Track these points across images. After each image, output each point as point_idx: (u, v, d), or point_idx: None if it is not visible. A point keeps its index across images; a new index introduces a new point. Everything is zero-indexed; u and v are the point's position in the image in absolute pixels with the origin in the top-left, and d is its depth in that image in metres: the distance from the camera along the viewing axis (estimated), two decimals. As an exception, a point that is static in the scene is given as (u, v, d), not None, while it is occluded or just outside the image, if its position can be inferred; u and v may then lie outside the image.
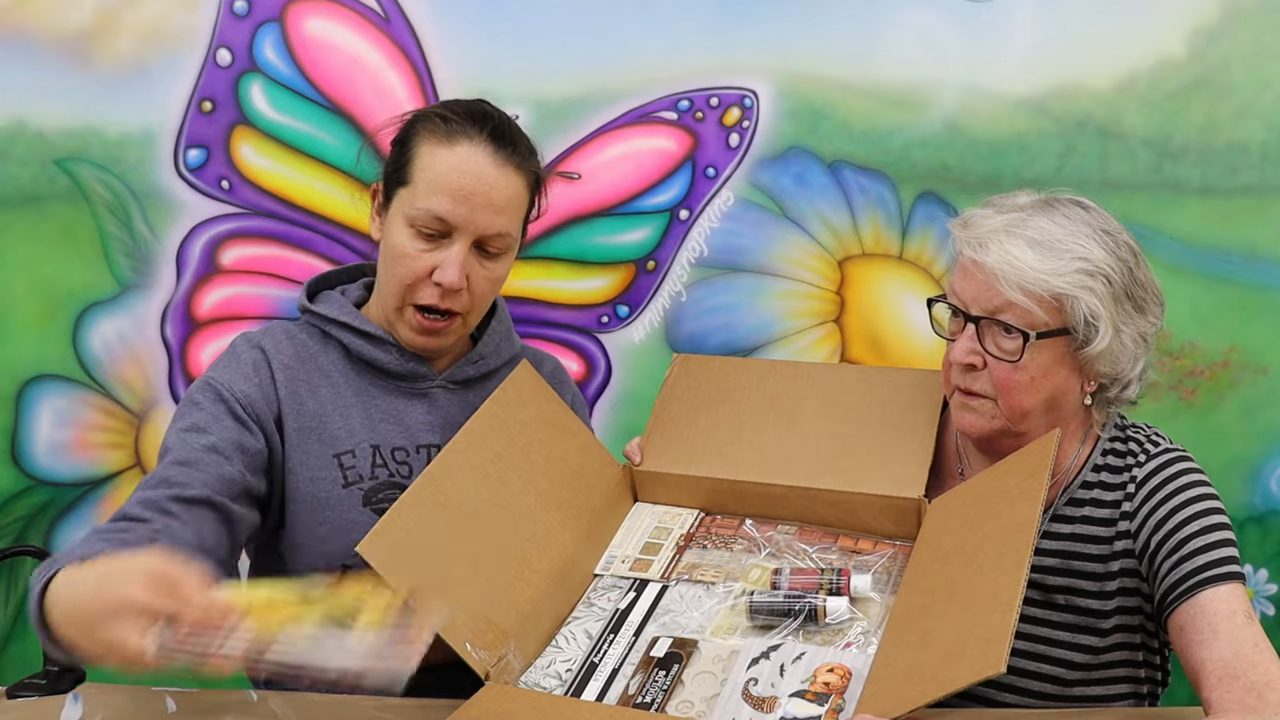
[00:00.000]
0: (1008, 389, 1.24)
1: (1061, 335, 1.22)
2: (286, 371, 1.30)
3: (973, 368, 1.25)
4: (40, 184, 1.75)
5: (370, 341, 1.33)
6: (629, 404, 1.80)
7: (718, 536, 1.32)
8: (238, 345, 1.33)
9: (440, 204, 1.25)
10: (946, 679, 0.95)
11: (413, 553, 1.11)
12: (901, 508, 1.27)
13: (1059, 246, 1.20)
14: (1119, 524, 1.25)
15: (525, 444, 1.28)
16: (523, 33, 1.75)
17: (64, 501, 1.80)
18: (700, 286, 1.80)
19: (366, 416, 1.32)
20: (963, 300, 1.25)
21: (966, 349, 1.24)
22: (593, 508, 1.32)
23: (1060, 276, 1.19)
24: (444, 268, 1.26)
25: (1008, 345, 1.22)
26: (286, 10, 1.74)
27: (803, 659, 1.11)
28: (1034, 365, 1.22)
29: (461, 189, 1.25)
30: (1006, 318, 1.21)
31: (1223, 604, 1.13)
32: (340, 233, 1.78)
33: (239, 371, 1.29)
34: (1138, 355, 1.25)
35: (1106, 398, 1.28)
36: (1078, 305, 1.20)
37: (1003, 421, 1.26)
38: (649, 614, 1.21)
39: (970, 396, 1.27)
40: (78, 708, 1.15)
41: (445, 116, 1.28)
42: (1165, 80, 1.72)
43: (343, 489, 1.29)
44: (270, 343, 1.32)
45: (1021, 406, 1.24)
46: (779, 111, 1.76)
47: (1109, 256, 1.21)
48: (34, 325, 1.78)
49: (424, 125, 1.29)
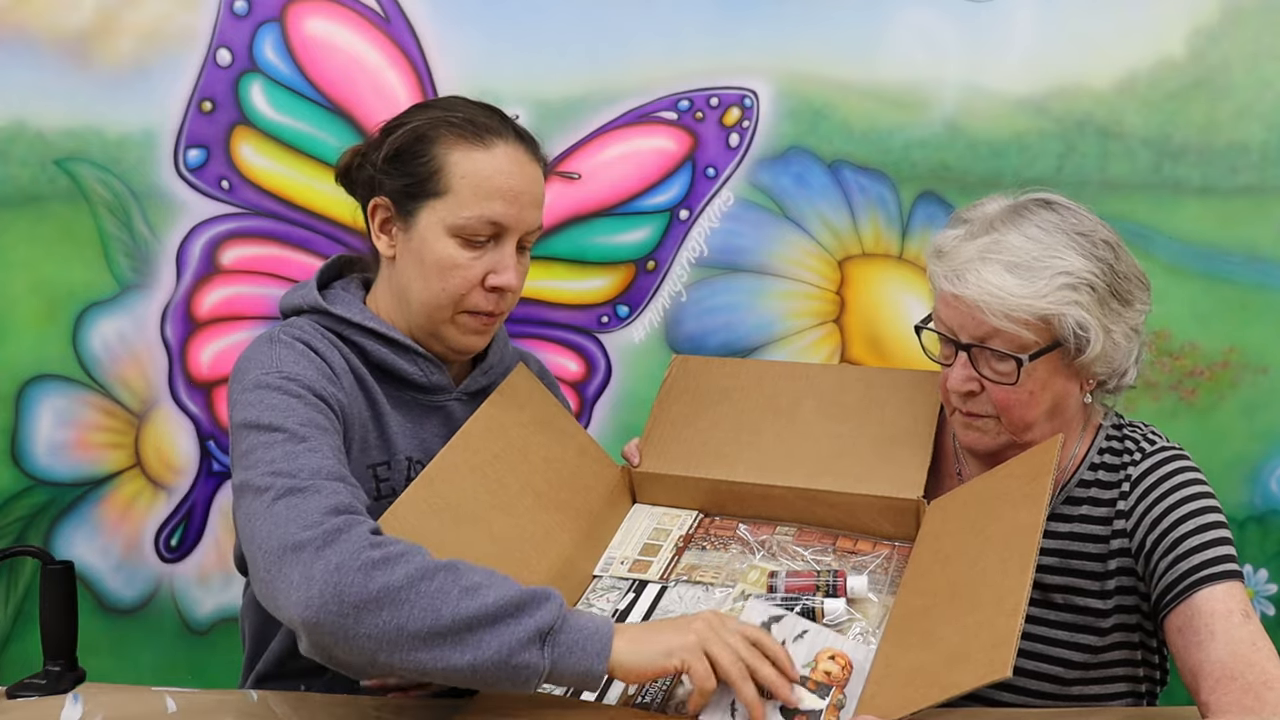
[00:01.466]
0: (1008, 407, 1.24)
1: (1054, 350, 1.21)
2: (343, 375, 1.23)
3: (972, 394, 1.25)
4: (40, 184, 1.75)
5: (396, 350, 1.28)
6: (629, 404, 1.80)
7: (716, 538, 1.32)
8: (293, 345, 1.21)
9: (494, 208, 1.23)
10: (950, 682, 0.95)
11: None
12: (900, 509, 1.27)
13: (1037, 266, 1.19)
14: (1115, 523, 1.25)
15: (523, 446, 1.28)
16: (523, 33, 1.74)
17: (64, 501, 1.80)
18: (700, 286, 1.80)
19: (401, 429, 1.28)
20: (950, 329, 1.24)
21: (963, 377, 1.24)
22: (591, 509, 1.32)
23: (1043, 298, 1.18)
24: (500, 271, 1.24)
25: (1002, 368, 1.22)
26: (286, 10, 1.74)
27: (805, 638, 1.11)
28: (1031, 382, 1.22)
29: (511, 190, 1.24)
30: (996, 344, 1.21)
31: (1219, 603, 1.13)
32: (340, 233, 1.78)
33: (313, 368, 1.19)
34: (1131, 347, 1.25)
35: (1105, 389, 1.29)
36: (1065, 320, 1.19)
37: (1008, 437, 1.27)
38: (648, 615, 1.21)
39: (972, 418, 1.27)
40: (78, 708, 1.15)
41: (466, 120, 1.25)
42: (1165, 80, 1.72)
43: (374, 501, 1.24)
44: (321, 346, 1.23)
45: (1024, 420, 1.25)
46: (779, 111, 1.76)
47: (1088, 262, 1.20)
48: (34, 325, 1.78)
49: (443, 132, 1.24)
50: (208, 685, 1.35)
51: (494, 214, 1.23)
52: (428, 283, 1.25)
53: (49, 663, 1.25)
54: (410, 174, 1.25)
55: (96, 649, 1.79)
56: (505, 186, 1.23)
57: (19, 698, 1.19)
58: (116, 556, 1.82)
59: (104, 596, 1.82)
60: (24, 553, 1.33)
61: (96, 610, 1.81)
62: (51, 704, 1.16)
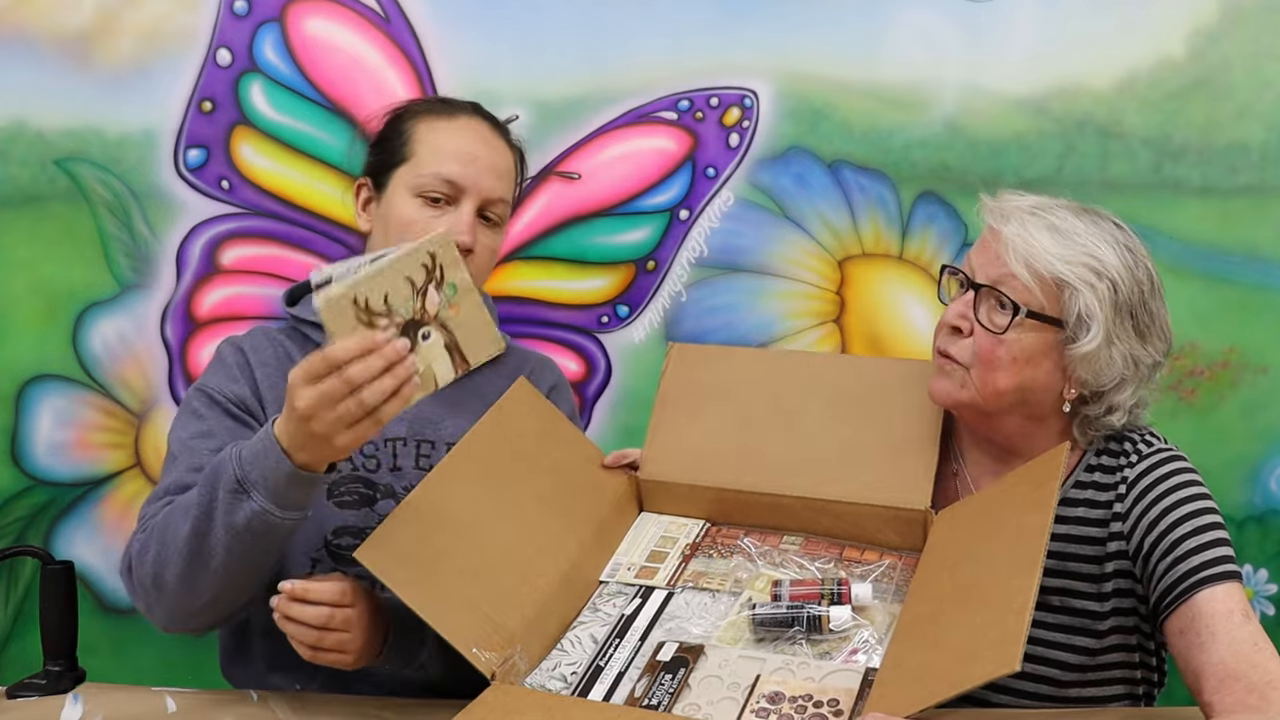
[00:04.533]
0: (986, 361, 1.24)
1: (1052, 325, 1.22)
2: (264, 369, 1.36)
3: (958, 331, 1.26)
4: (40, 184, 1.75)
5: None
6: (629, 404, 1.80)
7: (724, 546, 1.32)
8: (222, 350, 1.40)
9: (449, 167, 1.34)
10: (959, 678, 0.95)
11: (412, 560, 1.11)
12: (907, 519, 1.27)
13: (1075, 239, 1.22)
14: (1112, 525, 1.25)
15: (528, 455, 1.28)
16: (523, 33, 1.74)
17: (64, 501, 1.80)
18: (700, 286, 1.80)
19: None
20: (972, 268, 1.27)
21: (958, 311, 1.26)
22: (598, 517, 1.32)
23: (1067, 263, 1.21)
24: (455, 227, 1.31)
25: (998, 318, 1.23)
26: (286, 10, 1.73)
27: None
28: (1017, 346, 1.23)
29: (468, 152, 1.35)
30: (1004, 289, 1.22)
31: (1219, 604, 1.13)
32: (340, 233, 1.77)
33: (226, 374, 1.36)
34: (1125, 378, 1.24)
35: (1086, 415, 1.28)
36: (1076, 298, 1.21)
37: (972, 393, 1.25)
38: (655, 619, 1.21)
39: (947, 360, 1.27)
40: (78, 708, 1.15)
41: (436, 99, 1.39)
42: (1165, 80, 1.72)
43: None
44: (249, 344, 1.39)
45: (995, 384, 1.24)
46: (779, 111, 1.76)
47: (1122, 267, 1.22)
48: (34, 325, 1.78)
49: (416, 109, 1.39)
50: (208, 685, 1.35)
51: (449, 173, 1.33)
52: (389, 242, 1.32)
53: (49, 663, 1.25)
54: (385, 150, 1.38)
55: (96, 649, 1.78)
56: (463, 149, 1.35)
57: (19, 698, 1.19)
58: (116, 556, 1.82)
59: (104, 596, 1.82)
60: (24, 553, 1.33)
61: (96, 610, 1.81)
62: (51, 704, 1.16)
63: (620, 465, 1.38)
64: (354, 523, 1.31)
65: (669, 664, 1.13)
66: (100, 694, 1.19)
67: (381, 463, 1.33)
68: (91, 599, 1.81)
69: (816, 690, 1.07)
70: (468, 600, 1.13)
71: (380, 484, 1.33)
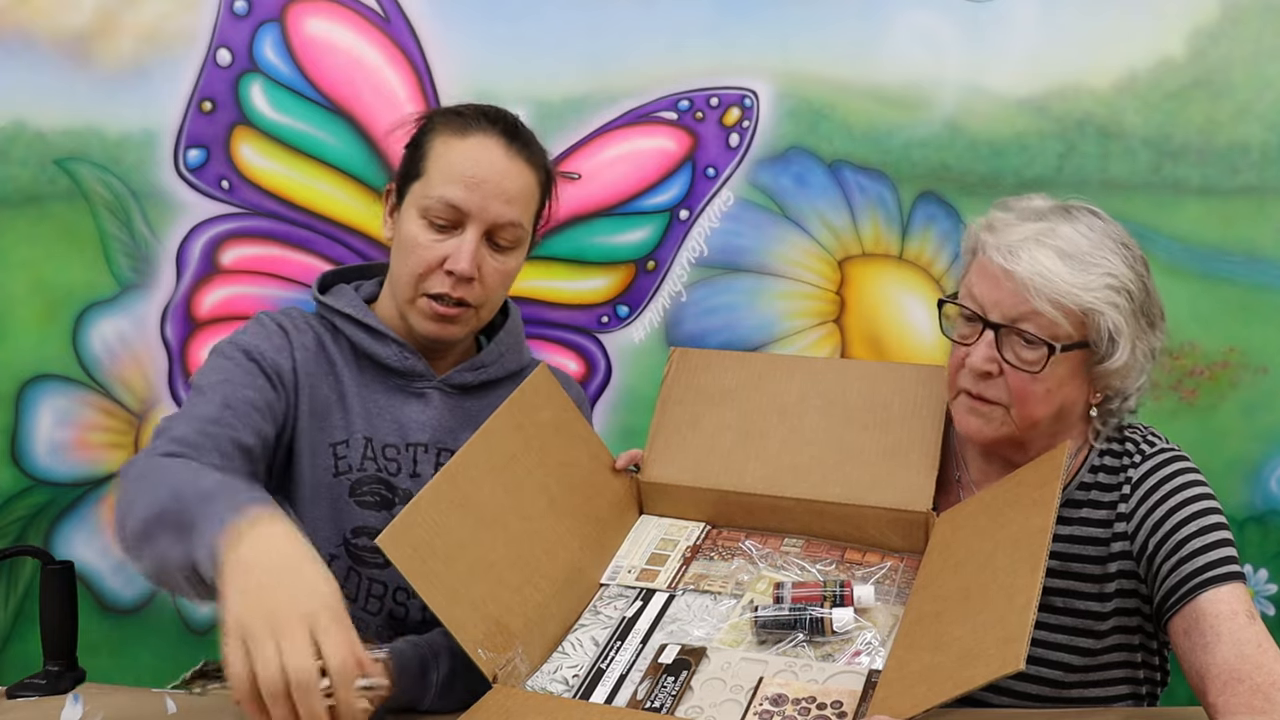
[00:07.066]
0: (1023, 399, 1.22)
1: (1082, 348, 1.21)
2: (304, 353, 1.32)
3: (989, 375, 1.23)
4: (40, 184, 1.75)
5: (373, 336, 1.34)
6: (629, 404, 1.80)
7: (724, 549, 1.32)
8: (263, 319, 1.34)
9: (452, 191, 1.27)
10: (963, 678, 0.94)
11: (431, 551, 1.11)
12: (909, 521, 1.26)
13: (1088, 260, 1.20)
14: (1115, 525, 1.25)
15: (540, 447, 1.28)
16: (523, 33, 1.74)
17: (64, 501, 1.80)
18: (700, 286, 1.80)
19: (364, 410, 1.33)
20: (981, 305, 1.23)
21: (985, 356, 1.22)
22: (600, 517, 1.31)
23: (1090, 291, 1.19)
24: (456, 256, 1.28)
25: (1029, 355, 1.21)
26: (286, 10, 1.73)
27: None
28: (1052, 377, 1.21)
29: (474, 176, 1.28)
30: (1028, 327, 1.20)
31: (1223, 605, 1.13)
32: (340, 233, 1.77)
33: (269, 341, 1.30)
34: (1145, 369, 1.25)
35: (1109, 409, 1.28)
36: (1103, 320, 1.19)
37: (1011, 429, 1.25)
38: (656, 622, 1.21)
39: (981, 402, 1.25)
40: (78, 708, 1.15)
41: (460, 112, 1.32)
42: (1165, 80, 1.72)
43: (333, 478, 1.30)
44: (290, 324, 1.34)
45: (1033, 416, 1.24)
46: (779, 111, 1.76)
47: (1129, 271, 1.22)
48: (34, 325, 1.78)
49: (439, 121, 1.33)
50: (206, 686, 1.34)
51: (452, 197, 1.27)
52: (397, 261, 1.33)
53: (49, 663, 1.25)
54: (408, 160, 1.34)
55: (96, 649, 1.79)
56: (468, 172, 1.28)
57: (19, 698, 1.19)
58: (116, 556, 1.82)
59: (104, 596, 1.82)
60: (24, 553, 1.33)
61: (96, 610, 1.81)
62: (51, 704, 1.16)
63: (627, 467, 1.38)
64: (373, 524, 1.30)
65: (671, 666, 1.13)
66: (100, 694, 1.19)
67: (402, 467, 1.33)
68: (91, 599, 1.81)
69: (820, 692, 1.07)
70: (476, 598, 1.13)
71: (400, 488, 1.32)
